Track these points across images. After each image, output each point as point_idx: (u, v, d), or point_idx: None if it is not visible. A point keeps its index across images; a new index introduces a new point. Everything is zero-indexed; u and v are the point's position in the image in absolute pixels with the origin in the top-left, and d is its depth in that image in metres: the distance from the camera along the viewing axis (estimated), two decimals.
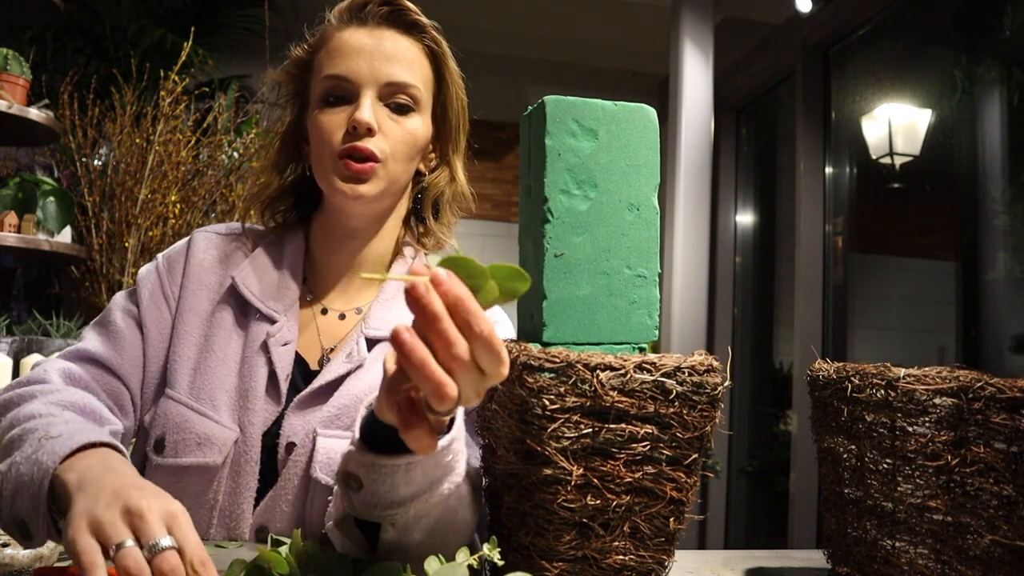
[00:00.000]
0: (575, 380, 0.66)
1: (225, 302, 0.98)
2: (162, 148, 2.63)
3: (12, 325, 2.39)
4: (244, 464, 0.92)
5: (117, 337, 0.95)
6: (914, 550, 0.71)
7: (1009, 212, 2.51)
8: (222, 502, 0.92)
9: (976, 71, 2.67)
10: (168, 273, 1.00)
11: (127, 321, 0.96)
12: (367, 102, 0.93)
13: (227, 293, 0.98)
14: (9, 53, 2.33)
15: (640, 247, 0.76)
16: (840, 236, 3.23)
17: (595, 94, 0.80)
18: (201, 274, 0.99)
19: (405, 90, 0.95)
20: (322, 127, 0.94)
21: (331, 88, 0.94)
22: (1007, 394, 0.66)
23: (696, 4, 3.31)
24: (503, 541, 0.72)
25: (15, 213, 2.32)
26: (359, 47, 0.94)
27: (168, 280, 0.99)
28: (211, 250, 1.01)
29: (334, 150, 0.93)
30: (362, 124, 0.91)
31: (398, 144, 0.95)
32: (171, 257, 1.01)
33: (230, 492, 0.92)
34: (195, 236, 1.03)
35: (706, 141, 3.26)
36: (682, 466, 0.70)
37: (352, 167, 0.92)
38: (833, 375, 0.79)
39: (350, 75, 0.93)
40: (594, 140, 0.75)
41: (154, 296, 0.98)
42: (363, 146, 0.92)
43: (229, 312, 0.97)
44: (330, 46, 0.96)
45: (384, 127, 0.94)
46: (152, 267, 1.01)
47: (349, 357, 0.95)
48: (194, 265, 1.00)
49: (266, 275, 0.99)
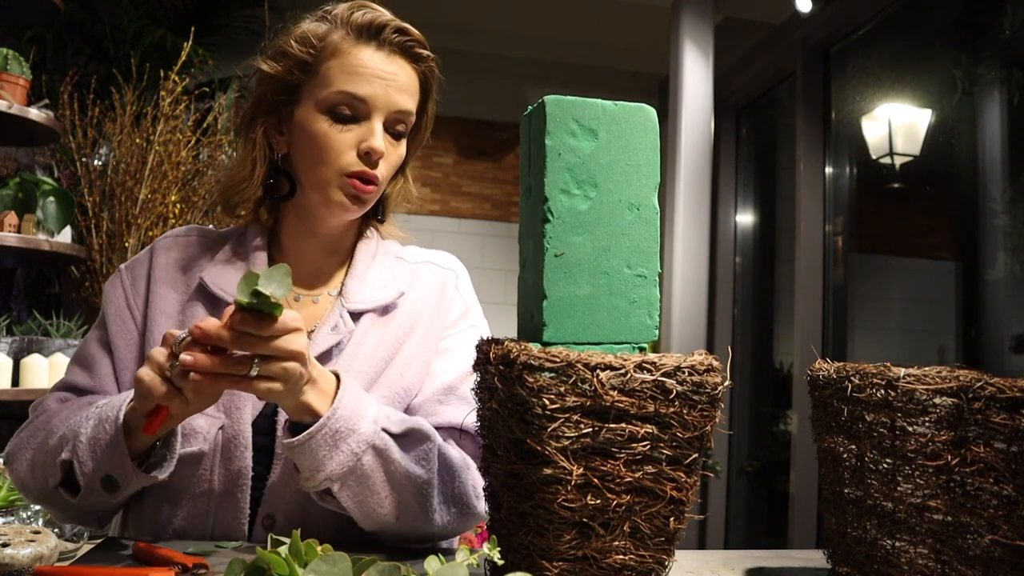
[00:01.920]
0: (575, 380, 0.66)
1: (195, 301, 1.01)
2: (162, 148, 2.63)
3: (12, 325, 2.39)
4: (234, 450, 0.93)
5: (92, 365, 1.01)
6: (914, 550, 0.71)
7: (1009, 212, 2.51)
8: (218, 491, 0.93)
9: (976, 71, 2.67)
10: (132, 284, 1.04)
11: (97, 348, 1.02)
12: (380, 129, 0.97)
13: (196, 293, 1.01)
14: (9, 53, 2.33)
15: (640, 247, 0.76)
16: (840, 236, 3.23)
17: (595, 94, 0.80)
18: (167, 277, 1.02)
19: (405, 119, 1.00)
20: (330, 142, 0.96)
21: (342, 104, 0.96)
22: (1007, 394, 0.66)
23: (696, 4, 3.31)
24: (503, 541, 0.73)
25: (15, 213, 2.32)
26: (378, 72, 0.97)
27: (132, 291, 1.03)
28: (173, 254, 1.04)
29: (342, 169, 0.97)
30: (378, 152, 0.97)
31: (391, 168, 1.01)
32: (133, 268, 1.05)
33: (224, 479, 0.93)
34: (156, 244, 1.06)
35: (706, 141, 3.26)
36: (682, 466, 0.70)
37: (359, 188, 0.97)
38: (833, 375, 0.79)
39: (367, 97, 0.96)
40: (594, 140, 0.75)
41: (119, 311, 1.02)
42: (374, 173, 0.98)
43: (200, 309, 1.00)
44: (347, 61, 0.96)
45: (386, 152, 0.99)
46: (116, 280, 1.05)
47: (335, 329, 1.00)
48: (159, 270, 1.03)
49: (234, 269, 1.02)
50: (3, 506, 1.15)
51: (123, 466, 0.82)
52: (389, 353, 1.02)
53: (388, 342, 1.03)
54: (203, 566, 0.77)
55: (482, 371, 0.77)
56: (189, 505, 0.94)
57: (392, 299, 1.04)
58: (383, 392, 1.00)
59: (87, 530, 1.29)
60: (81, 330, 2.45)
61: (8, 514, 1.15)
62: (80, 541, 1.27)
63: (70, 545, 1.24)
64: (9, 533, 0.98)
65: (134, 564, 0.81)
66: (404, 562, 0.64)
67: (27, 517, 1.19)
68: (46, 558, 0.97)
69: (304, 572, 0.61)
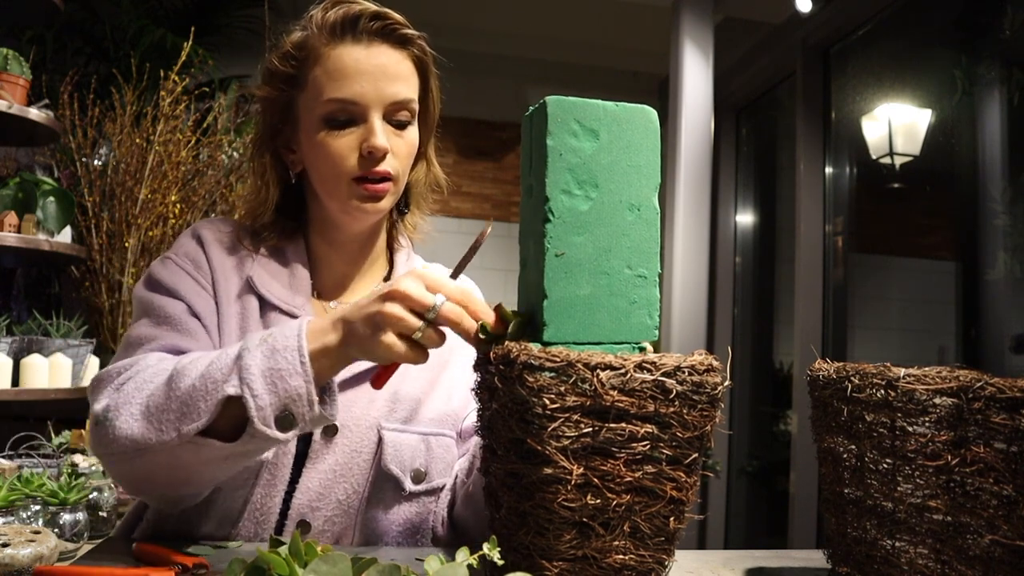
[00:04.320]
0: (575, 379, 0.66)
1: (248, 295, 0.98)
2: (162, 148, 2.63)
3: (12, 325, 2.39)
4: (281, 456, 0.93)
5: (191, 330, 0.93)
6: (914, 550, 0.71)
7: (1009, 212, 2.51)
8: (255, 496, 0.92)
9: (976, 71, 2.66)
10: (195, 268, 0.98)
11: (186, 316, 0.94)
12: (378, 126, 0.94)
13: (244, 289, 0.99)
14: (9, 53, 2.33)
15: (640, 247, 0.76)
16: (840, 236, 3.22)
17: (595, 94, 0.80)
18: (225, 267, 0.99)
19: (407, 106, 0.97)
20: (331, 151, 0.94)
21: (336, 111, 0.94)
22: (1007, 394, 0.66)
23: (696, 4, 3.31)
24: (503, 541, 0.72)
25: (15, 213, 2.32)
26: (360, 68, 0.93)
27: (198, 274, 0.98)
28: (224, 245, 1.01)
29: (349, 174, 0.95)
30: (380, 151, 0.94)
31: (404, 158, 0.98)
32: (189, 254, 0.99)
33: (264, 485, 0.92)
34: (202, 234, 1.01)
35: (706, 141, 3.26)
36: (682, 466, 0.70)
37: (370, 189, 0.95)
38: (833, 375, 0.79)
39: (357, 98, 0.93)
40: (595, 140, 0.75)
41: (193, 289, 0.96)
42: (380, 170, 0.95)
43: (254, 308, 0.98)
44: (328, 66, 0.94)
45: (392, 145, 0.96)
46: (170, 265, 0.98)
47: None
48: (216, 258, 0.99)
49: (277, 274, 1.01)
50: (3, 506, 1.14)
51: (309, 399, 0.76)
52: (433, 375, 1.02)
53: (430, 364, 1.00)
54: (203, 566, 0.77)
55: (482, 371, 0.77)
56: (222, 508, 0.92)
57: None
58: (431, 415, 1.01)
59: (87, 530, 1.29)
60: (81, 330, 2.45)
61: (8, 514, 1.15)
62: (80, 541, 1.27)
63: (70, 545, 1.24)
64: (9, 533, 0.98)
65: (134, 564, 0.81)
66: (404, 562, 0.64)
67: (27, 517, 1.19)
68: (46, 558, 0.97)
69: (304, 572, 0.61)
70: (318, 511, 0.93)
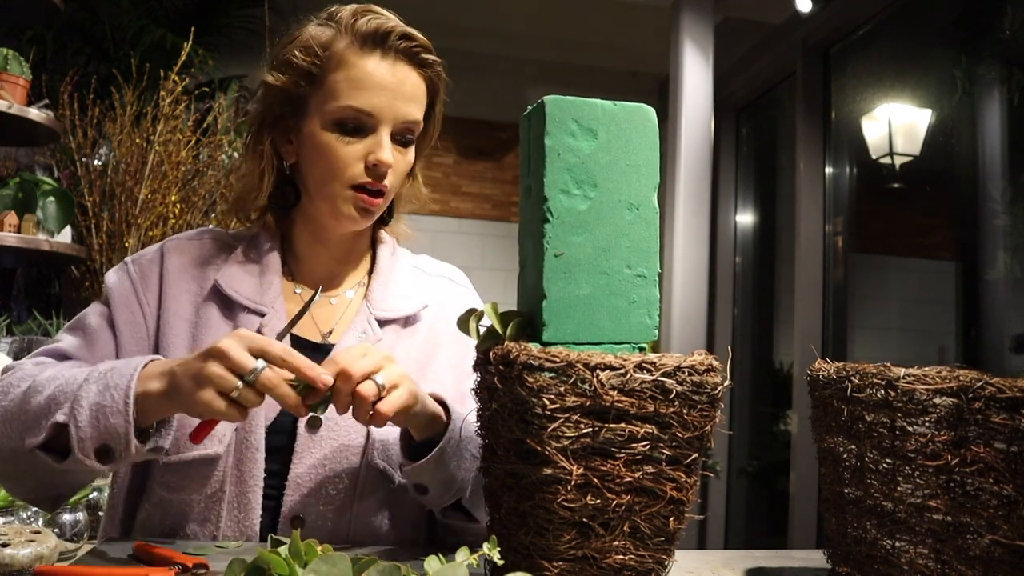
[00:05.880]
0: (575, 380, 0.66)
1: (209, 302, 1.00)
2: (162, 148, 2.63)
3: (12, 325, 2.39)
4: (246, 451, 0.93)
5: (91, 338, 0.99)
6: (914, 550, 0.71)
7: (1009, 212, 2.51)
8: (229, 493, 0.93)
9: (976, 71, 2.66)
10: (141, 279, 1.01)
11: (100, 323, 1.00)
12: (387, 141, 0.96)
13: (210, 295, 1.00)
14: (9, 53, 2.33)
15: (640, 247, 0.76)
16: (840, 236, 3.22)
17: (595, 94, 0.80)
18: (179, 280, 1.01)
19: (414, 127, 0.99)
20: (337, 155, 0.95)
21: (349, 118, 0.95)
22: (1007, 394, 0.66)
23: (696, 4, 3.31)
24: (503, 541, 0.72)
25: (15, 213, 2.32)
26: (382, 83, 0.95)
27: (141, 286, 1.01)
28: (185, 256, 1.03)
29: (349, 181, 0.96)
30: (386, 165, 0.96)
31: (400, 175, 1.01)
32: (142, 264, 1.03)
33: (236, 482, 0.93)
34: (166, 246, 1.05)
35: (706, 141, 3.26)
36: (682, 466, 0.70)
37: (367, 201, 0.97)
38: (833, 375, 0.79)
39: (373, 111, 0.95)
40: (594, 140, 0.75)
41: (127, 301, 1.00)
42: (382, 185, 0.97)
43: (215, 311, 0.99)
44: (351, 73, 0.95)
45: (394, 161, 0.98)
46: (122, 272, 1.03)
47: (364, 335, 1.00)
48: (171, 272, 1.02)
49: (247, 273, 1.02)
50: (3, 506, 1.14)
51: (126, 438, 0.80)
52: (418, 368, 1.03)
53: (415, 356, 1.03)
54: (203, 566, 0.77)
55: (482, 371, 0.77)
56: (202, 508, 0.94)
57: (415, 310, 1.05)
58: None
59: (87, 530, 1.29)
60: None
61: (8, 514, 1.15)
62: (80, 541, 1.27)
63: (70, 545, 1.24)
64: (9, 533, 0.98)
65: (134, 564, 0.81)
66: (404, 562, 0.64)
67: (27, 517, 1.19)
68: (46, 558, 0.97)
69: (304, 572, 0.61)
70: (310, 506, 0.94)
